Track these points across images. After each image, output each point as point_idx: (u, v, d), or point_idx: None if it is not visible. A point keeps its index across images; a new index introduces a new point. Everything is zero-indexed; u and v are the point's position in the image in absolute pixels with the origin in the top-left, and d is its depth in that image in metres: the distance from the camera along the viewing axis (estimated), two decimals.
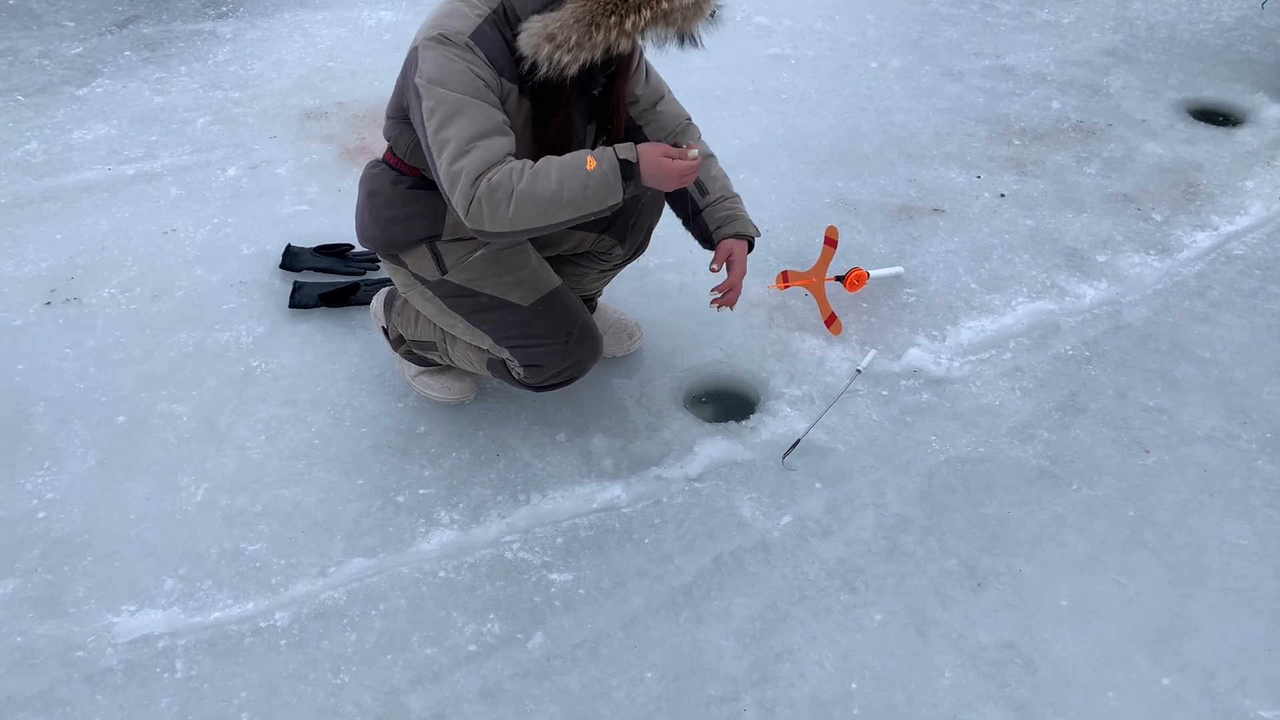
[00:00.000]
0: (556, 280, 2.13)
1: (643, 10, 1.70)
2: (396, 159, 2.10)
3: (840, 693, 1.89)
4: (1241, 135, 3.59)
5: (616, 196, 1.82)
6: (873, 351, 2.58)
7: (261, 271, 2.87)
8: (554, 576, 2.09)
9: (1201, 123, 3.69)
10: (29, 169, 3.29)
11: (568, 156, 1.81)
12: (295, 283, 2.79)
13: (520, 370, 2.12)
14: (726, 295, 2.19)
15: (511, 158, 1.81)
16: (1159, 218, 3.17)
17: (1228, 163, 3.44)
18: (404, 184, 2.08)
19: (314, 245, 2.96)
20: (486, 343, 2.11)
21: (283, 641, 1.96)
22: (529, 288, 2.08)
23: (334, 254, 2.92)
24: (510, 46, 1.83)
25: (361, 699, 1.87)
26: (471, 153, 1.77)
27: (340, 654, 1.94)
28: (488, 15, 1.85)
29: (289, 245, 2.94)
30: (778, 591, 2.06)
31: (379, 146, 3.38)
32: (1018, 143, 3.56)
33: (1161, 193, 3.29)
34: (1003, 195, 3.27)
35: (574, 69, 1.76)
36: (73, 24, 4.22)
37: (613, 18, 1.70)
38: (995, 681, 1.91)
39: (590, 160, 1.80)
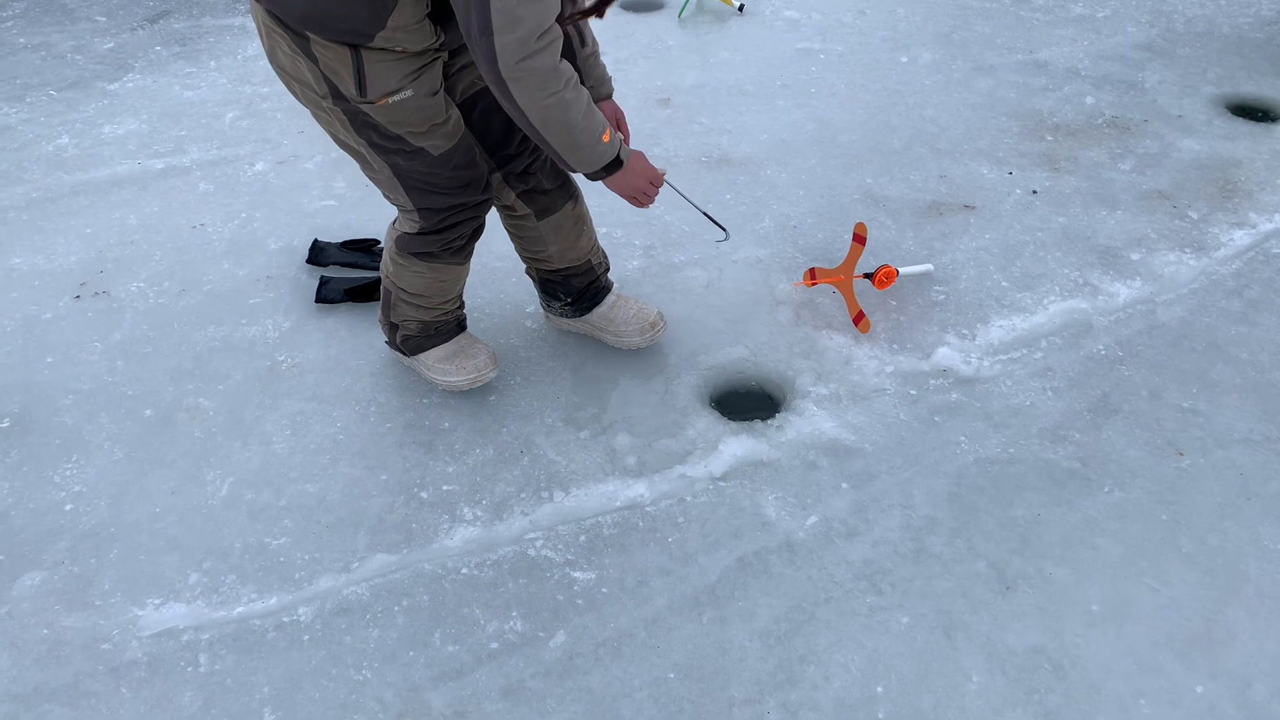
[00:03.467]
0: (463, 128, 2.12)
1: None
2: None
3: (866, 696, 1.87)
4: None
5: (588, 169, 1.99)
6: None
7: (288, 266, 2.88)
8: (577, 575, 2.08)
9: (1240, 118, 3.62)
10: (60, 163, 3.32)
11: (599, 115, 1.93)
12: (321, 278, 2.79)
13: (416, 216, 2.16)
14: None
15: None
16: (1195, 215, 3.11)
17: (1266, 159, 3.36)
18: None
19: (340, 240, 2.96)
20: (386, 174, 2.09)
21: (305, 637, 1.96)
22: (442, 137, 2.05)
23: (360, 249, 2.93)
24: None
25: (383, 695, 1.87)
26: (549, 36, 1.75)
27: (362, 650, 1.94)
28: None
29: (315, 240, 2.94)
30: (803, 593, 2.04)
31: None
32: (1050, 139, 3.50)
33: (1198, 190, 3.23)
34: (1035, 192, 3.22)
35: None
36: (104, 19, 4.26)
37: None
38: (1024, 687, 1.88)
39: (607, 134, 1.95)
